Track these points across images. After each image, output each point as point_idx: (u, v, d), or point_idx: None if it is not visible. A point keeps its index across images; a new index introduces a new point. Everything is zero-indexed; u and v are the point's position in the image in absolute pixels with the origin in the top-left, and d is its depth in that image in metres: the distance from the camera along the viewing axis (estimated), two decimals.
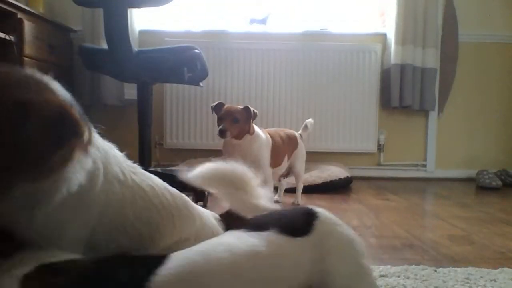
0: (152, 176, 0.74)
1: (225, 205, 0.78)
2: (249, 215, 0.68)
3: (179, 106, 2.97)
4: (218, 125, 1.70)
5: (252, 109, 1.73)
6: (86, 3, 1.87)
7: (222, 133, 1.65)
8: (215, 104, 1.78)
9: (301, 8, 3.17)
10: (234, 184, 0.69)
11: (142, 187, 0.69)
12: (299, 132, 2.06)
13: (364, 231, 1.48)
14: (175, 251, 0.54)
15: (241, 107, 1.75)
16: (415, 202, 2.13)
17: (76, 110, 0.59)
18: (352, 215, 1.76)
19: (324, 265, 0.53)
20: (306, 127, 2.07)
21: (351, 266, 0.55)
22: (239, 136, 1.71)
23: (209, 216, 0.81)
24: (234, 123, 1.68)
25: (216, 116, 1.75)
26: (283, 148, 1.88)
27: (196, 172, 0.70)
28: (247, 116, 1.71)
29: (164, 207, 0.71)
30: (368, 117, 3.00)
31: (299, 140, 2.00)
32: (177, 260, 0.50)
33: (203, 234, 0.74)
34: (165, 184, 0.75)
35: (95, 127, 0.65)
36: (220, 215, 0.83)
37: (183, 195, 0.78)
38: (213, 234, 0.74)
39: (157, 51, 1.84)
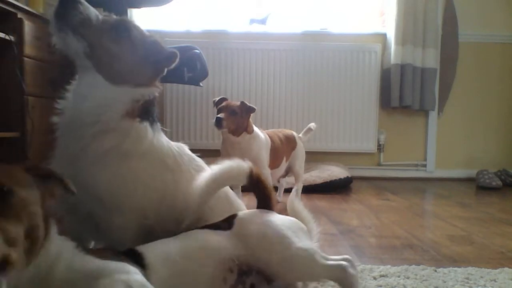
0: None
1: None
2: None
3: (179, 106, 2.97)
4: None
5: (248, 104, 1.72)
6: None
7: (218, 122, 1.64)
8: (218, 98, 1.79)
9: (301, 8, 3.17)
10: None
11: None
12: (301, 134, 2.05)
13: (364, 231, 1.48)
14: None
15: (239, 102, 1.75)
16: (415, 202, 2.13)
17: None
18: (352, 215, 1.76)
19: (246, 242, 0.72)
20: (309, 129, 2.06)
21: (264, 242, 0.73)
22: (236, 131, 1.69)
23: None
24: (232, 116, 1.67)
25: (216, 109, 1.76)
26: (281, 149, 1.87)
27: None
28: (244, 110, 1.70)
29: (217, 206, 0.85)
30: (368, 117, 3.00)
31: (298, 141, 1.99)
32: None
33: None
34: (228, 191, 0.92)
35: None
36: None
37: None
38: None
39: None
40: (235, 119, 1.67)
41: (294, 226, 0.79)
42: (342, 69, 2.99)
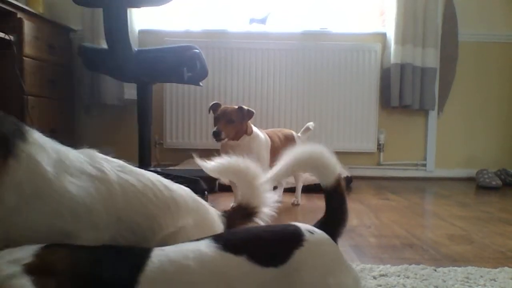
0: (145, 172, 0.77)
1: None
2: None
3: (179, 106, 2.97)
4: (213, 125, 1.69)
5: (246, 108, 1.70)
6: (86, 2, 1.88)
7: (216, 135, 1.63)
8: (212, 104, 1.76)
9: (300, 8, 3.17)
10: (246, 177, 0.73)
11: (132, 183, 0.72)
12: (299, 133, 2.05)
13: (364, 231, 1.48)
14: (172, 242, 0.58)
15: (236, 107, 1.72)
16: (415, 202, 2.13)
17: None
18: (352, 215, 1.76)
19: None
20: (307, 129, 2.06)
21: None
22: (235, 137, 1.69)
23: (210, 211, 0.82)
24: (229, 124, 1.65)
25: (213, 116, 1.75)
26: (281, 149, 1.87)
27: (214, 165, 0.73)
28: (242, 116, 1.69)
29: (159, 199, 0.74)
30: (368, 117, 3.01)
31: (297, 140, 1.99)
32: (160, 258, 0.51)
33: (202, 225, 0.77)
34: (160, 179, 0.78)
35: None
36: (225, 211, 0.85)
37: (186, 189, 0.81)
38: (212, 227, 0.78)
39: (156, 51, 1.84)
40: (233, 126, 1.66)
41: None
42: (342, 68, 2.99)
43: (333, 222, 0.62)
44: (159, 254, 0.51)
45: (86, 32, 2.85)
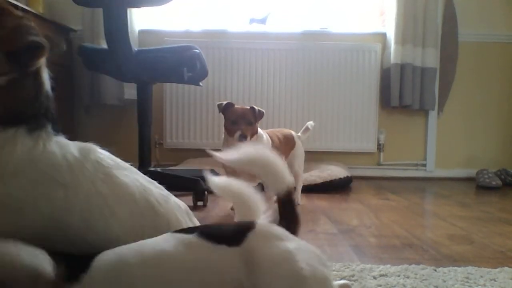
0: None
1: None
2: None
3: (179, 106, 2.97)
4: (229, 127, 1.67)
5: (257, 108, 1.71)
6: (86, 2, 1.88)
7: (244, 138, 1.62)
8: (224, 103, 1.72)
9: (301, 8, 3.17)
10: (266, 167, 0.68)
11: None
12: (299, 133, 2.05)
13: (364, 231, 1.48)
14: None
15: (248, 107, 1.71)
16: (415, 202, 2.13)
17: None
18: (352, 215, 1.76)
19: (254, 279, 0.53)
20: (307, 128, 2.06)
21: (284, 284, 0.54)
22: (251, 138, 1.70)
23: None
24: (249, 126, 1.66)
25: (217, 116, 1.74)
26: (281, 148, 1.87)
27: (234, 156, 0.68)
28: (255, 116, 1.70)
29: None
30: (368, 117, 3.01)
31: (297, 140, 1.99)
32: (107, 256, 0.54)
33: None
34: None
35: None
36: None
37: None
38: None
39: (156, 51, 1.84)
40: (252, 128, 1.68)
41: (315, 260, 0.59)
42: (342, 68, 2.99)
43: (287, 228, 0.63)
44: (107, 253, 0.54)
45: (86, 32, 2.85)
